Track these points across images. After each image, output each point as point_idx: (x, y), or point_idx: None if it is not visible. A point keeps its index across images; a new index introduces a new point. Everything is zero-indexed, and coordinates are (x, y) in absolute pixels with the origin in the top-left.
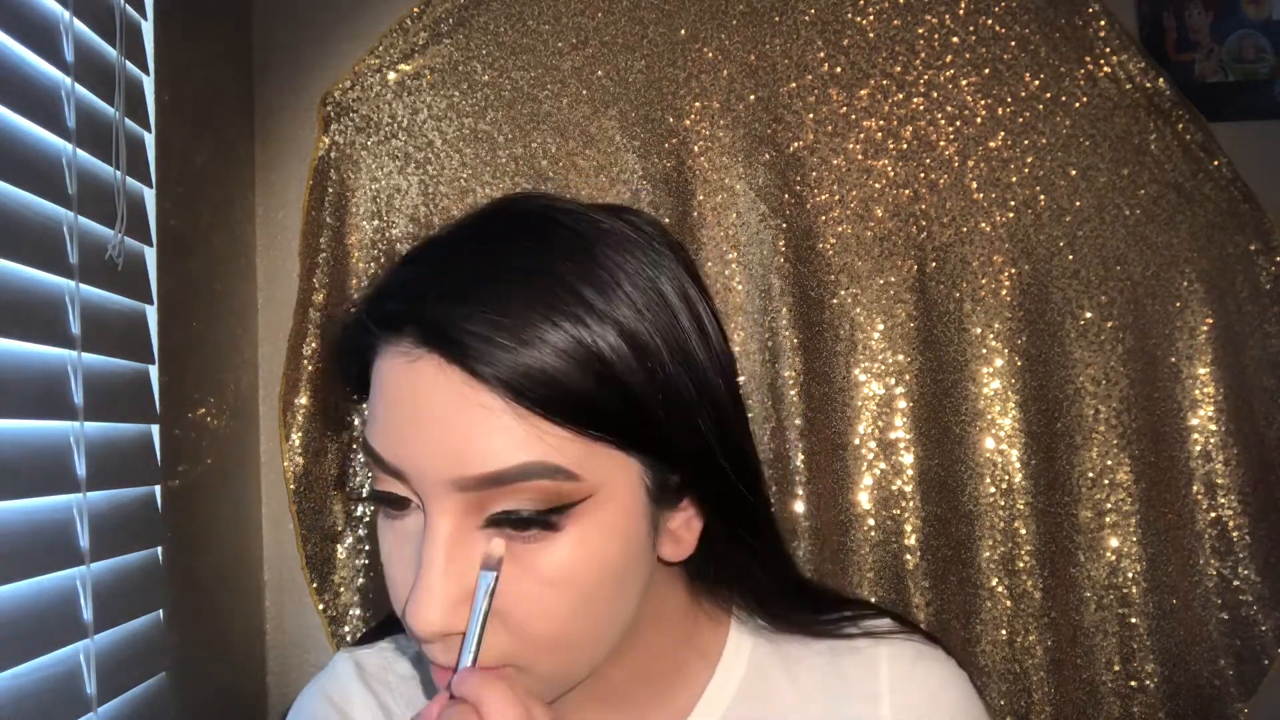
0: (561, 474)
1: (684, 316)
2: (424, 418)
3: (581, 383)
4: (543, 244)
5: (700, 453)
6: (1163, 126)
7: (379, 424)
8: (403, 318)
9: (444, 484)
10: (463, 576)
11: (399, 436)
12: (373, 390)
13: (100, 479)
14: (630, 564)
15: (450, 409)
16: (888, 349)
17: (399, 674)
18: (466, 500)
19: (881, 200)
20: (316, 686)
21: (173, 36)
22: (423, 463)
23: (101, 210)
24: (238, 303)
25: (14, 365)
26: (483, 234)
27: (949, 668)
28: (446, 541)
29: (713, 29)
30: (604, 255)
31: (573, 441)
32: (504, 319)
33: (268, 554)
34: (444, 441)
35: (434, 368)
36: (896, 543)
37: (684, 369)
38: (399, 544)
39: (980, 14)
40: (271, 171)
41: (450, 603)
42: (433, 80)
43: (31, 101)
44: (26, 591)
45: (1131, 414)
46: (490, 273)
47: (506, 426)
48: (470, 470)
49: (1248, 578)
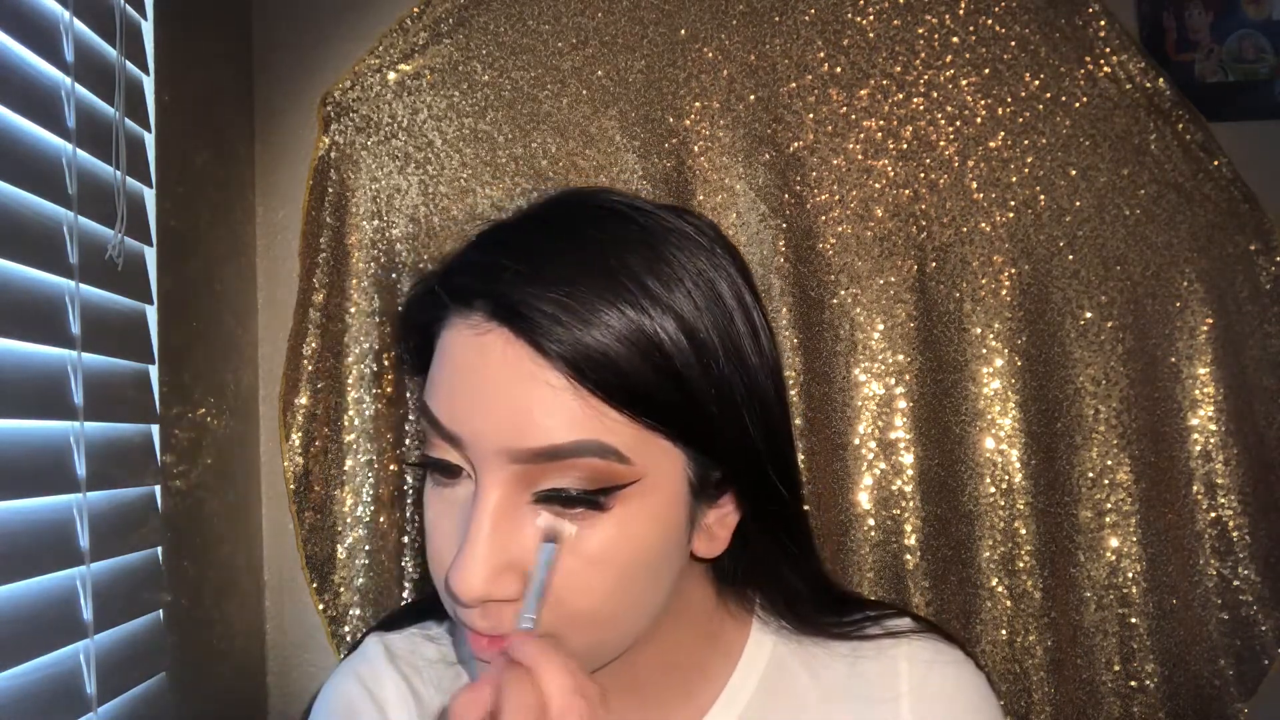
0: (613, 455)
1: (739, 318)
2: (487, 388)
3: (640, 369)
4: (611, 234)
5: (745, 451)
6: (1163, 126)
7: (441, 391)
8: (475, 292)
9: (500, 454)
10: (506, 547)
11: (461, 404)
12: (436, 360)
13: (100, 479)
14: (666, 552)
15: (514, 382)
16: (888, 349)
17: (426, 658)
18: (519, 473)
19: (881, 200)
20: (347, 667)
21: (173, 36)
22: (481, 431)
23: (101, 210)
24: (238, 303)
25: (14, 365)
26: (553, 220)
27: (966, 667)
28: (495, 511)
29: (713, 29)
30: (668, 251)
31: (627, 426)
32: (571, 300)
33: (268, 554)
34: (504, 413)
35: (502, 341)
36: (896, 543)
37: (736, 368)
38: (445, 512)
39: (980, 14)
40: (271, 171)
41: (493, 570)
42: (433, 80)
43: (31, 101)
44: (26, 591)
45: (1131, 414)
46: (560, 257)
47: (566, 404)
48: (527, 443)
49: (1248, 578)
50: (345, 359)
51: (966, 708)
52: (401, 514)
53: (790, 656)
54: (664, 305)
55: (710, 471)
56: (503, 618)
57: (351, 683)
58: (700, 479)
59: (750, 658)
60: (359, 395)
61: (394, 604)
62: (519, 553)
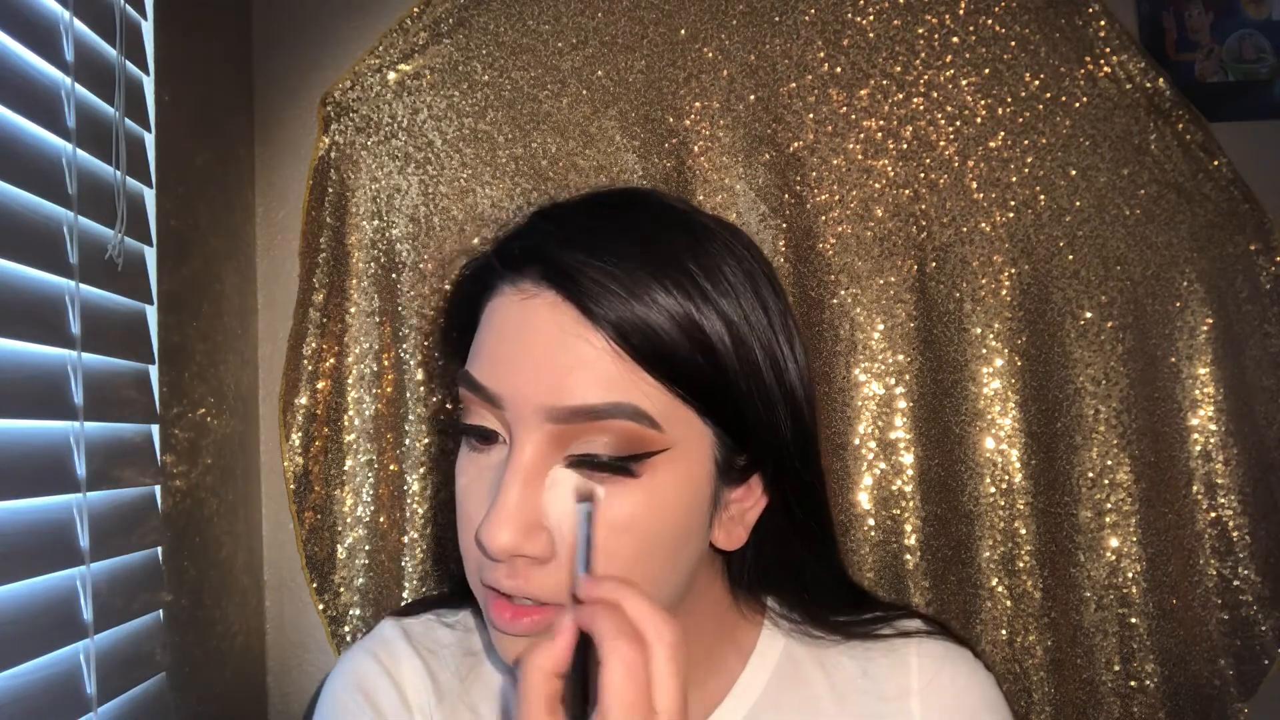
0: (646, 420)
1: (776, 322)
2: (530, 348)
3: (682, 346)
4: (661, 222)
5: (773, 438)
6: (1163, 126)
7: (484, 356)
8: (527, 256)
9: (537, 411)
10: (536, 505)
11: (503, 364)
12: (481, 330)
13: (100, 479)
14: (689, 529)
15: (556, 341)
16: (888, 349)
17: (443, 643)
18: (554, 433)
19: (881, 200)
20: (361, 648)
21: (173, 36)
22: (520, 389)
23: (101, 210)
24: (238, 303)
25: (14, 365)
26: (611, 204)
27: (976, 668)
28: (527, 468)
29: (713, 29)
30: (712, 247)
31: (661, 395)
32: (620, 272)
33: (268, 554)
34: (545, 371)
35: (548, 304)
36: (896, 543)
37: (769, 362)
38: (479, 477)
39: (980, 14)
40: (271, 171)
41: (523, 525)
42: (433, 80)
43: (31, 101)
44: (26, 591)
45: (1131, 414)
46: (614, 234)
47: (605, 366)
48: (565, 400)
49: (1248, 578)
50: (345, 359)
51: (976, 706)
52: (401, 514)
53: (802, 654)
54: (710, 296)
55: (736, 455)
56: (529, 578)
57: (368, 661)
58: (726, 460)
59: (762, 654)
60: (359, 395)
61: (394, 604)
62: (549, 512)
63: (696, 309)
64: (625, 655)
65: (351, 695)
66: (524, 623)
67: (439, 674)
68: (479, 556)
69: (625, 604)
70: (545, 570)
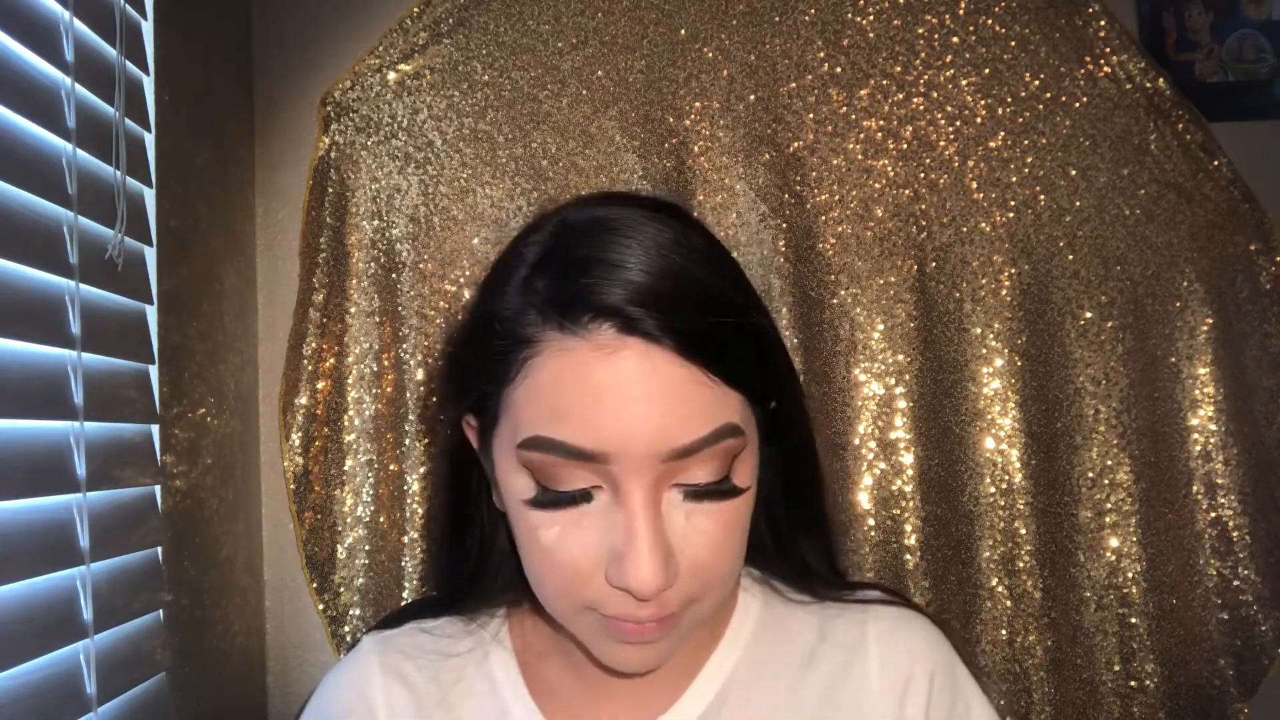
0: (738, 433)
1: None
2: (633, 400)
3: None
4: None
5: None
6: (1163, 126)
7: (573, 418)
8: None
9: (653, 457)
10: (665, 538)
11: (607, 422)
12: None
13: (100, 479)
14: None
15: (657, 388)
16: (888, 349)
17: (423, 649)
18: (662, 471)
19: (881, 200)
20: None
21: (173, 36)
22: (632, 440)
23: (101, 210)
24: (238, 303)
25: (14, 365)
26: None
27: (929, 628)
28: (651, 509)
29: (713, 29)
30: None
31: (738, 400)
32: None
33: (268, 554)
34: (654, 417)
35: (637, 355)
36: (896, 543)
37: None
38: (576, 525)
39: (980, 14)
40: (271, 171)
41: (663, 561)
42: (433, 80)
43: (31, 101)
44: (26, 591)
45: (1131, 414)
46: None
47: (702, 397)
48: (678, 441)
49: (1248, 578)
50: (345, 359)
51: (933, 657)
52: (401, 514)
53: (774, 619)
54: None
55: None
56: (664, 600)
57: (345, 683)
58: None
59: (737, 626)
60: (359, 395)
61: (394, 604)
62: (672, 539)
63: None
64: None
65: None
66: (652, 631)
67: (416, 682)
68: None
69: None
70: (675, 589)
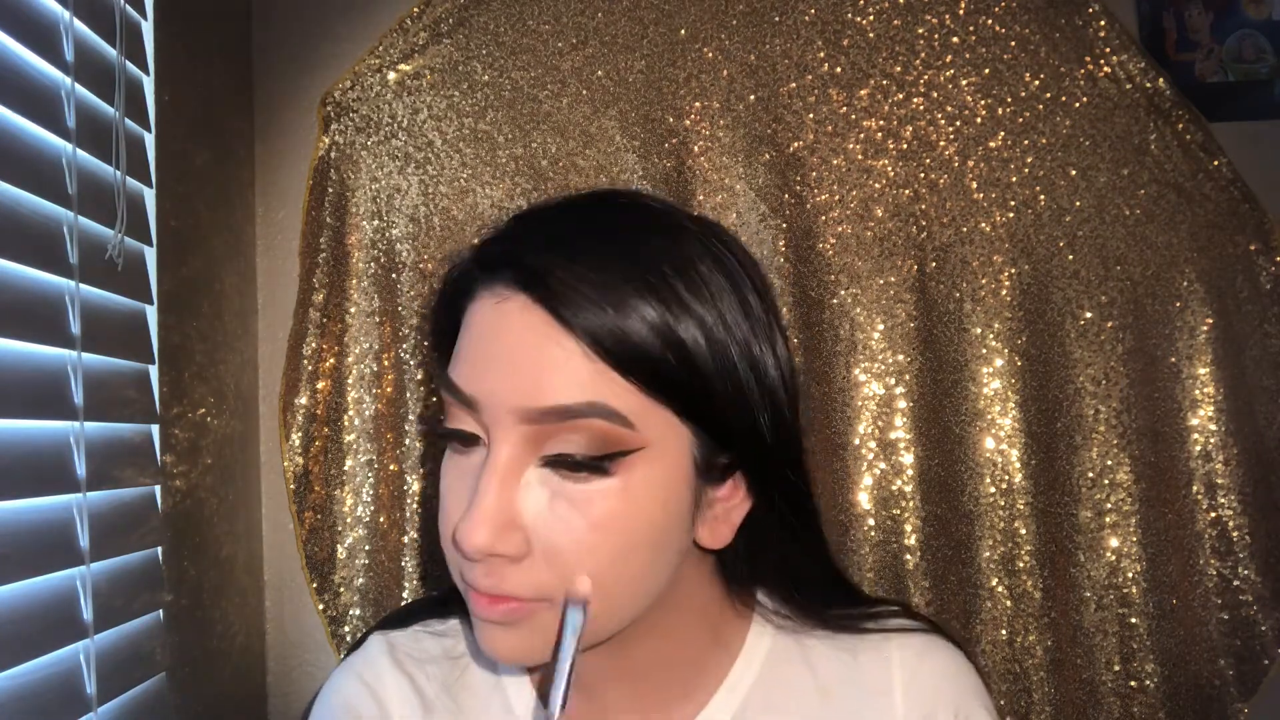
0: (619, 419)
1: (759, 326)
2: (504, 352)
3: (654, 349)
4: (642, 229)
5: (753, 438)
6: (1163, 126)
7: (461, 360)
8: (502, 261)
9: (511, 413)
10: (512, 505)
11: (478, 368)
12: (461, 333)
13: (100, 479)
14: (669, 528)
15: (528, 345)
16: (888, 349)
17: (430, 654)
18: (528, 434)
19: (881, 200)
20: (348, 666)
21: (173, 36)
22: (495, 392)
23: (101, 210)
24: (238, 303)
25: (14, 365)
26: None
27: (956, 659)
28: (503, 469)
29: (713, 29)
30: (694, 254)
31: (635, 395)
32: (594, 275)
33: (268, 554)
34: (518, 374)
35: (520, 308)
36: (896, 543)
37: (749, 368)
38: (459, 478)
39: (980, 14)
40: (271, 171)
41: (498, 524)
42: (433, 80)
43: (31, 101)
44: (26, 591)
45: (1131, 414)
46: (588, 237)
47: (577, 367)
48: (537, 402)
49: (1248, 578)
50: (345, 359)
51: (957, 694)
52: (401, 514)
53: (789, 650)
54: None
55: (717, 455)
56: (504, 576)
57: (352, 681)
58: (706, 460)
59: (750, 652)
60: (359, 395)
61: (394, 604)
62: (524, 511)
63: (670, 313)
64: None
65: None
66: (500, 609)
67: (425, 687)
68: (457, 556)
69: None
70: (520, 568)
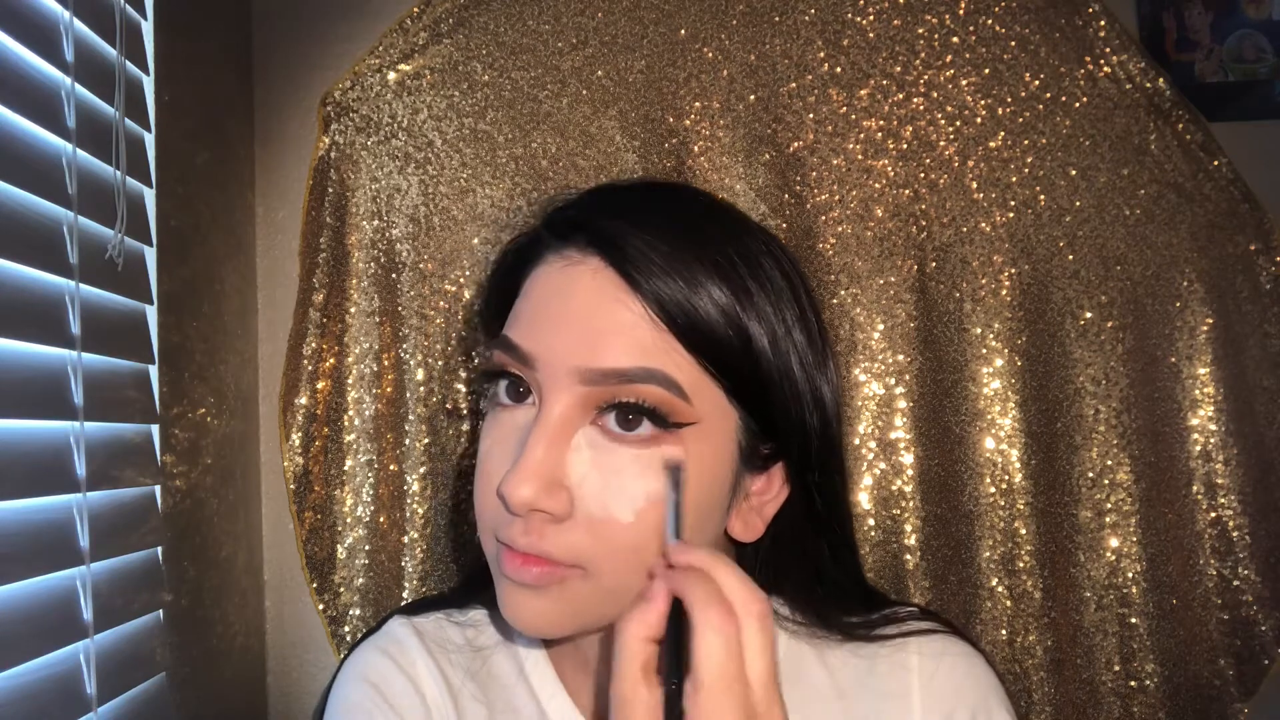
0: (676, 389)
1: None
2: (570, 311)
3: (719, 325)
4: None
5: (798, 434)
6: (1163, 126)
7: (522, 318)
8: (575, 225)
9: (570, 373)
10: (560, 463)
11: (539, 326)
12: (521, 298)
13: (100, 479)
14: (710, 508)
15: (596, 306)
16: (888, 349)
17: (453, 641)
18: (584, 395)
19: (881, 200)
20: (373, 646)
21: (173, 36)
22: (556, 349)
23: (101, 210)
24: (238, 303)
25: (14, 365)
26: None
27: (974, 661)
28: (555, 428)
29: (713, 29)
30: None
31: (693, 370)
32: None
33: (268, 554)
34: (582, 333)
35: (591, 270)
36: (896, 543)
37: (801, 365)
38: (504, 437)
39: (980, 14)
40: (271, 171)
41: (544, 480)
42: (433, 80)
43: (31, 101)
44: (26, 591)
45: (1131, 414)
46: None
47: (641, 333)
48: (598, 363)
49: (1248, 578)
50: (345, 359)
51: (975, 695)
52: (401, 514)
53: (806, 653)
54: (747, 282)
55: (761, 443)
56: (544, 534)
57: (381, 658)
58: (750, 446)
59: None
60: (359, 395)
61: (394, 604)
62: (571, 473)
63: (739, 302)
64: (718, 623)
65: (367, 693)
66: (533, 571)
67: (450, 673)
68: (495, 513)
69: (715, 574)
70: (560, 529)
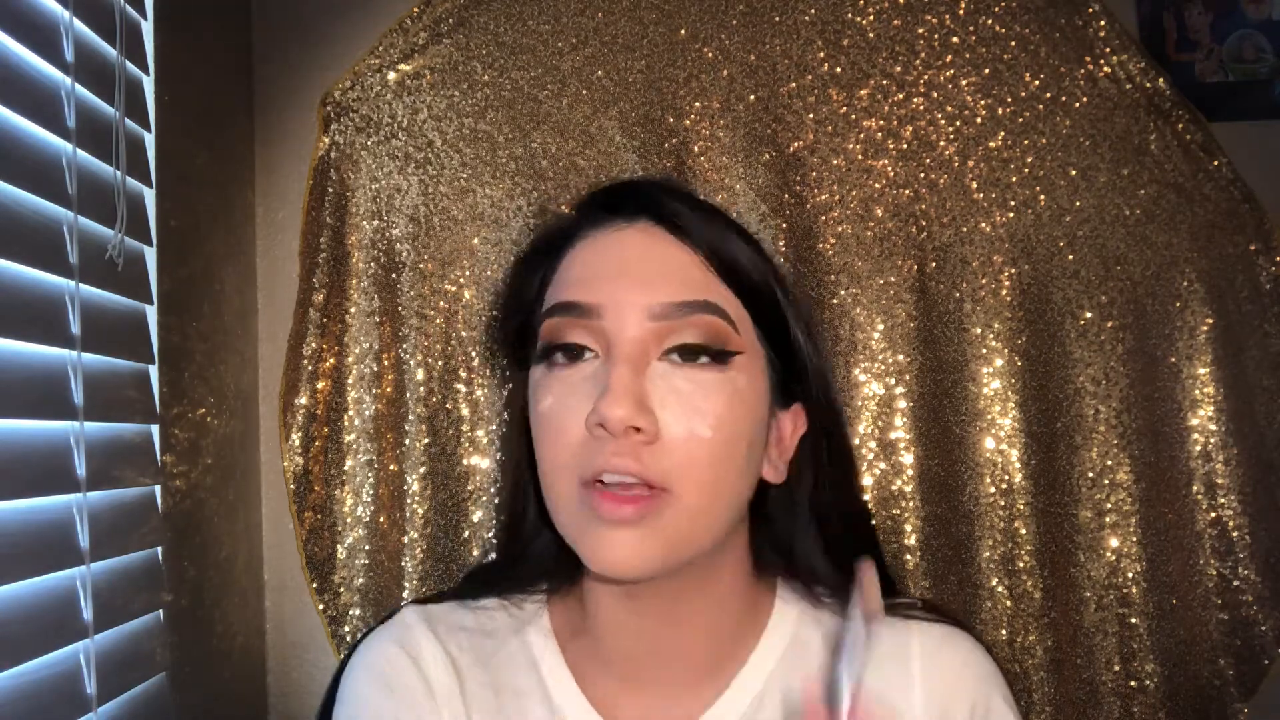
0: (727, 319)
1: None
2: (627, 261)
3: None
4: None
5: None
6: (1163, 126)
7: (574, 280)
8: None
9: (638, 311)
10: (644, 388)
11: (600, 280)
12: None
13: (100, 479)
14: (756, 440)
15: (653, 253)
16: (888, 349)
17: (464, 625)
18: (652, 330)
19: (881, 200)
20: (383, 634)
21: (173, 36)
22: (619, 294)
23: (101, 210)
24: (238, 303)
25: (14, 365)
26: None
27: (975, 649)
28: (633, 356)
29: (713, 29)
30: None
31: (736, 305)
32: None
33: (268, 554)
34: (644, 276)
35: (641, 230)
36: (896, 543)
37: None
38: (569, 392)
39: (980, 14)
40: (271, 171)
41: (636, 399)
42: (433, 80)
43: (31, 101)
44: (26, 591)
45: (1131, 414)
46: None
47: (695, 274)
48: (664, 297)
49: (1248, 578)
50: (345, 359)
51: (976, 684)
52: (401, 514)
53: (811, 629)
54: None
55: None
56: (639, 455)
57: (390, 646)
58: (775, 381)
59: (774, 630)
60: (359, 395)
61: (394, 604)
62: (651, 398)
63: (758, 251)
64: None
65: (375, 680)
66: (630, 508)
67: (459, 657)
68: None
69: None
70: (653, 450)
